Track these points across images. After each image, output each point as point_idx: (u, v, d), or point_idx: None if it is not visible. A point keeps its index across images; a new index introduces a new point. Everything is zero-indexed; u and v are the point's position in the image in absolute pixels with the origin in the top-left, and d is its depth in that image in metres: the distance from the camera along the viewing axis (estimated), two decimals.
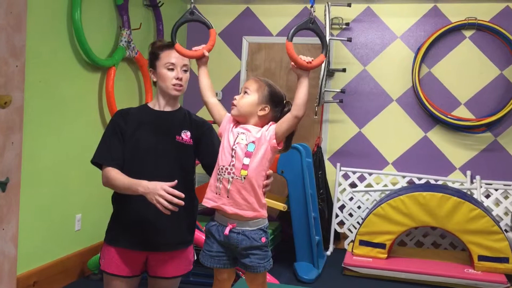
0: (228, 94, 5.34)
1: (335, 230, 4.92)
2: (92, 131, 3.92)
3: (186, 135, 2.13)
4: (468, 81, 4.83)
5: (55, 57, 3.45)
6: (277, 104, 1.83)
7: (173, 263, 2.11)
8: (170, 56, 2.10)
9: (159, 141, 2.08)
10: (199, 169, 2.36)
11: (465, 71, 4.84)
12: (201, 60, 1.95)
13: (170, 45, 2.10)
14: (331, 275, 4.13)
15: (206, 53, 1.93)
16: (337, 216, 4.94)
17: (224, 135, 1.83)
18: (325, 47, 1.84)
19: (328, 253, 4.73)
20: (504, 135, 4.77)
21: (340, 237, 5.02)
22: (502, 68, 4.77)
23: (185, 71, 2.14)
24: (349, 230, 4.92)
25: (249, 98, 1.81)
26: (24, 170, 3.14)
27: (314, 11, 1.88)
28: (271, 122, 1.81)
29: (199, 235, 3.15)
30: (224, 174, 1.75)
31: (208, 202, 1.81)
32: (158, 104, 2.17)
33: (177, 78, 2.10)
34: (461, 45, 4.84)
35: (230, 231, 1.75)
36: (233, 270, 1.85)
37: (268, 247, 1.81)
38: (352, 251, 4.37)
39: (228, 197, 1.74)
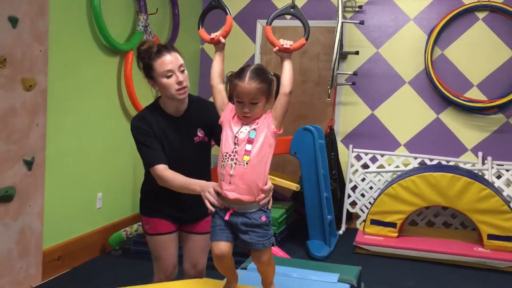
0: None
1: (347, 210, 5.03)
2: (111, 113, 4.07)
3: (201, 133, 2.30)
4: (480, 63, 4.86)
5: (76, 42, 3.59)
6: (271, 87, 1.87)
7: (202, 224, 2.43)
8: (165, 63, 2.14)
9: (182, 146, 2.26)
10: (215, 150, 2.52)
11: (478, 53, 4.86)
12: (218, 45, 1.99)
13: (158, 51, 2.15)
14: (342, 253, 4.26)
15: (222, 40, 1.97)
16: (349, 196, 5.04)
17: (226, 124, 1.87)
18: (306, 31, 1.92)
19: (340, 232, 4.85)
20: None
21: (352, 217, 5.13)
22: None
23: (182, 71, 2.19)
24: (361, 210, 5.02)
25: (259, 106, 1.83)
26: (48, 150, 3.30)
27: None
28: (268, 111, 1.87)
29: None
30: (228, 160, 1.80)
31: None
32: (169, 108, 2.26)
33: (179, 83, 2.16)
34: (474, 27, 4.86)
35: (230, 214, 1.82)
36: (232, 246, 1.86)
37: (268, 226, 1.86)
38: (363, 230, 4.48)
39: (230, 182, 1.79)
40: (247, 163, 1.78)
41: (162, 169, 2.15)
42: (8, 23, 2.91)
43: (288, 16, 2.11)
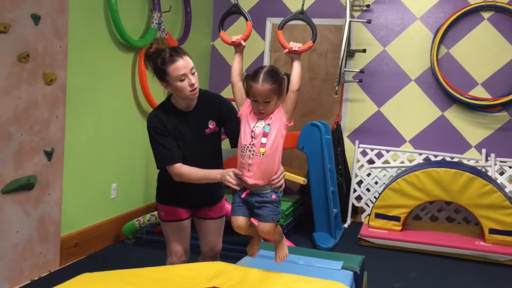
0: None
1: (353, 204, 5.16)
2: (125, 107, 4.23)
3: (212, 125, 2.47)
4: (485, 62, 4.96)
5: (93, 38, 3.74)
6: (282, 87, 2.10)
7: (214, 210, 2.63)
8: (178, 68, 2.29)
9: (194, 139, 2.42)
10: (225, 144, 2.71)
11: (483, 52, 4.96)
12: (238, 47, 2.21)
13: (171, 56, 2.29)
14: (347, 245, 4.39)
15: (243, 43, 2.20)
16: (355, 191, 5.17)
17: (244, 118, 2.11)
18: (314, 34, 2.16)
19: (346, 225, 4.98)
20: None
21: (357, 211, 5.26)
22: None
23: (193, 73, 2.35)
24: (366, 204, 5.15)
25: (272, 104, 2.07)
26: (66, 142, 3.46)
27: (303, 6, 2.25)
28: (280, 105, 2.11)
29: None
30: (246, 152, 2.07)
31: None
32: (181, 105, 2.42)
33: (191, 85, 2.33)
34: (480, 27, 4.96)
35: (247, 194, 2.11)
36: (248, 219, 2.16)
37: (278, 203, 2.13)
38: (368, 223, 4.61)
39: (249, 170, 2.07)
40: (263, 154, 2.05)
41: (179, 167, 2.33)
42: (31, 21, 3.07)
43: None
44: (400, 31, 5.18)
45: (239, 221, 2.13)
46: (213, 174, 2.27)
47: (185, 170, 2.32)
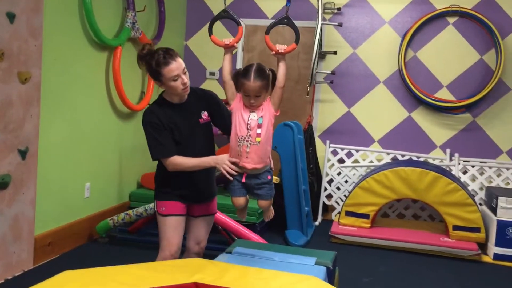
0: None
1: (324, 203, 5.29)
2: (99, 106, 4.22)
3: (204, 115, 2.69)
4: (450, 65, 5.17)
5: (68, 37, 3.73)
6: (270, 82, 2.41)
7: (210, 206, 2.83)
8: (172, 70, 2.50)
9: (189, 128, 2.62)
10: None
11: (448, 56, 5.17)
12: (229, 49, 2.46)
13: (165, 58, 2.49)
14: (318, 242, 4.50)
15: (236, 45, 2.47)
16: (325, 189, 5.30)
17: (237, 112, 2.40)
18: (297, 37, 2.44)
19: (317, 223, 5.10)
20: (482, 116, 5.13)
21: (328, 209, 5.39)
22: (482, 53, 5.10)
23: (185, 72, 2.57)
24: (337, 202, 5.29)
25: (262, 97, 2.39)
26: (40, 141, 3.45)
27: (287, 11, 2.48)
28: (268, 97, 2.43)
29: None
30: (243, 142, 2.37)
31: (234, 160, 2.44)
32: (174, 100, 2.63)
33: (183, 84, 2.55)
34: (445, 31, 5.16)
35: (246, 177, 2.43)
36: (247, 199, 2.53)
37: (272, 183, 2.49)
38: (338, 221, 4.74)
39: (247, 157, 2.37)
40: (259, 143, 2.37)
41: (173, 159, 2.55)
42: (6, 19, 3.05)
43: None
44: (370, 34, 5.33)
45: (241, 201, 2.50)
46: (206, 160, 2.53)
47: (179, 160, 2.54)
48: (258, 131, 2.36)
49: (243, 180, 2.44)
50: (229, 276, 2.09)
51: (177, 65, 2.51)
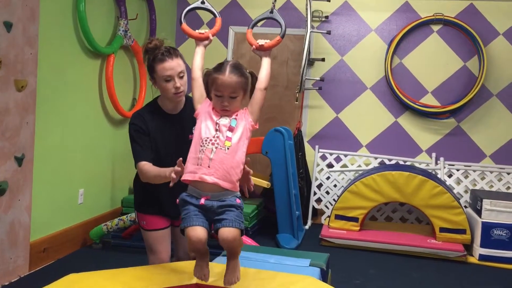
0: None
1: (313, 207, 5.38)
2: (93, 113, 4.27)
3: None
4: (435, 72, 5.32)
5: (63, 45, 3.78)
6: (248, 83, 2.01)
7: None
8: (165, 69, 2.33)
9: (175, 141, 2.44)
10: None
11: (433, 63, 5.31)
12: (203, 42, 2.14)
13: (162, 55, 2.34)
14: (309, 245, 4.59)
15: (211, 37, 2.15)
16: (315, 193, 5.39)
17: (204, 115, 1.97)
18: (282, 30, 2.13)
19: (307, 227, 5.19)
20: (466, 121, 5.28)
21: (317, 213, 5.49)
22: (465, 60, 5.26)
23: (181, 77, 2.38)
24: (326, 206, 5.39)
25: (238, 100, 1.96)
26: (36, 148, 3.49)
27: (274, 4, 2.29)
28: (245, 108, 2.02)
29: None
30: (208, 145, 1.88)
31: (187, 175, 1.93)
32: (167, 107, 2.46)
33: (176, 88, 2.35)
34: (429, 39, 5.32)
35: (205, 200, 1.87)
36: (207, 231, 1.89)
37: (242, 210, 1.94)
38: (328, 224, 4.84)
39: (209, 166, 1.86)
40: (228, 148, 1.88)
41: (142, 165, 2.33)
42: (3, 28, 3.09)
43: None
44: (357, 41, 5.46)
45: (198, 232, 1.83)
46: (164, 171, 2.19)
47: (146, 168, 2.31)
48: (229, 134, 1.90)
49: (202, 202, 1.86)
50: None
51: (173, 65, 2.33)
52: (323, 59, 5.39)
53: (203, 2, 2.29)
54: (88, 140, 4.21)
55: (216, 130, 1.91)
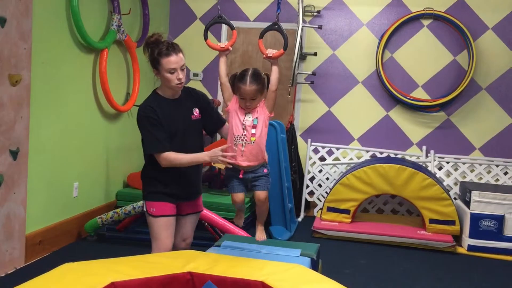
0: (208, 75, 5.78)
1: (306, 199, 5.46)
2: (87, 107, 4.31)
3: (196, 112, 2.78)
4: (425, 66, 5.39)
5: (56, 40, 3.81)
6: (265, 85, 2.52)
7: (197, 203, 2.93)
8: (171, 62, 2.59)
9: (182, 123, 2.71)
10: None
11: (423, 57, 5.38)
12: (224, 52, 2.59)
13: (167, 50, 2.59)
14: (301, 237, 4.66)
15: (230, 48, 2.60)
16: (307, 186, 5.46)
17: (233, 113, 2.51)
18: (285, 43, 2.56)
19: (299, 219, 5.26)
20: (455, 114, 5.36)
21: (310, 206, 5.56)
22: (455, 54, 5.33)
23: (183, 69, 2.66)
24: (318, 199, 5.46)
25: (257, 100, 2.49)
26: (30, 142, 3.53)
27: (277, 18, 2.68)
28: (263, 100, 2.53)
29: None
30: (239, 141, 2.47)
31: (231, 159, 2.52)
32: (167, 94, 2.71)
33: (178, 79, 2.64)
34: (420, 33, 5.38)
35: (243, 173, 2.53)
36: (244, 195, 2.63)
37: (269, 176, 2.60)
38: (320, 216, 4.91)
39: (242, 155, 2.48)
40: (253, 142, 2.48)
41: (167, 154, 2.60)
42: None
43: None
44: (348, 36, 5.52)
45: (239, 196, 2.61)
46: (200, 156, 2.62)
47: (174, 156, 2.60)
48: (253, 131, 2.47)
49: (241, 175, 2.54)
50: (221, 266, 2.22)
51: (177, 59, 2.59)
52: (315, 54, 5.44)
53: (220, 17, 2.70)
54: (83, 134, 4.25)
55: (243, 129, 2.48)
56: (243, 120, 2.49)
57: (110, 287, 1.95)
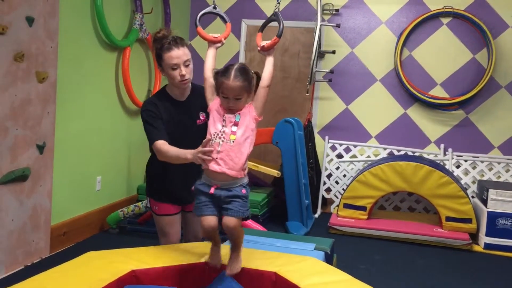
0: None
1: (323, 196, 5.51)
2: (110, 104, 4.45)
3: (202, 116, 2.65)
4: (444, 64, 5.38)
5: (81, 39, 3.95)
6: (252, 84, 2.17)
7: None
8: (172, 58, 2.46)
9: (184, 127, 2.58)
10: None
11: (442, 55, 5.38)
12: (215, 44, 2.36)
13: (169, 44, 2.46)
14: (317, 233, 4.72)
15: (223, 40, 2.38)
16: (324, 183, 5.52)
17: (214, 112, 2.18)
18: (279, 30, 2.28)
19: (316, 216, 5.32)
20: (474, 113, 5.35)
21: (327, 203, 5.61)
22: (474, 53, 5.32)
23: (187, 65, 2.51)
24: (335, 196, 5.51)
25: (242, 101, 2.14)
26: (56, 136, 3.68)
27: (277, 7, 2.43)
28: (250, 102, 2.19)
29: None
30: (216, 139, 2.09)
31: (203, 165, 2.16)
32: (175, 94, 2.61)
33: (181, 76, 2.49)
34: (439, 31, 5.38)
35: (215, 189, 2.09)
36: (217, 219, 2.13)
37: (247, 198, 2.13)
38: (337, 213, 4.96)
39: (217, 158, 2.07)
40: (233, 141, 2.08)
41: (161, 144, 2.43)
42: (25, 23, 3.27)
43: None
44: (367, 34, 5.55)
45: (209, 220, 2.09)
46: (183, 153, 2.30)
47: (166, 147, 2.41)
48: (234, 128, 2.10)
49: (211, 191, 2.09)
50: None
51: (179, 54, 2.45)
52: (333, 52, 5.49)
53: (215, 7, 2.54)
54: (105, 129, 4.39)
55: (223, 125, 2.11)
56: (224, 116, 2.12)
57: (130, 274, 2.05)
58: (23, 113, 3.32)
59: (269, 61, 2.21)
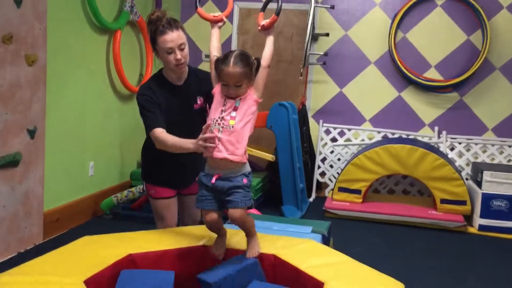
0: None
1: (317, 180, 5.50)
2: (101, 87, 4.37)
3: (200, 100, 2.58)
4: (438, 46, 5.35)
5: (70, 21, 3.86)
6: (253, 71, 2.11)
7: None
8: (166, 41, 2.36)
9: (181, 112, 2.51)
10: None
11: (436, 37, 5.34)
12: (217, 24, 2.32)
13: (163, 27, 2.37)
14: (313, 216, 4.70)
15: (225, 19, 2.32)
16: (319, 167, 5.50)
17: (217, 94, 2.13)
18: (277, 8, 2.22)
19: (311, 200, 5.31)
20: (468, 95, 5.34)
21: (321, 187, 5.60)
22: (469, 34, 5.29)
23: (182, 49, 2.42)
24: (330, 180, 5.50)
25: (243, 87, 2.08)
26: (47, 121, 3.61)
27: None
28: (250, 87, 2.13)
29: None
30: (215, 125, 2.05)
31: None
32: (172, 77, 2.52)
33: (176, 60, 2.40)
34: (433, 13, 5.33)
35: (216, 179, 2.07)
36: (220, 213, 2.14)
37: (249, 188, 2.12)
38: (332, 196, 4.95)
39: (218, 144, 2.04)
40: (232, 127, 2.05)
41: (159, 132, 2.36)
42: (13, 4, 3.18)
43: None
44: (361, 16, 5.49)
45: (211, 216, 2.10)
46: (186, 144, 2.23)
47: (163, 136, 2.34)
48: (233, 114, 2.06)
49: (213, 181, 2.06)
50: (235, 239, 2.28)
51: (173, 37, 2.37)
52: (327, 34, 5.43)
53: None
54: (97, 114, 4.32)
55: (222, 110, 2.07)
56: (224, 102, 2.09)
57: (127, 258, 2.02)
58: (13, 96, 3.24)
59: (269, 41, 2.18)
